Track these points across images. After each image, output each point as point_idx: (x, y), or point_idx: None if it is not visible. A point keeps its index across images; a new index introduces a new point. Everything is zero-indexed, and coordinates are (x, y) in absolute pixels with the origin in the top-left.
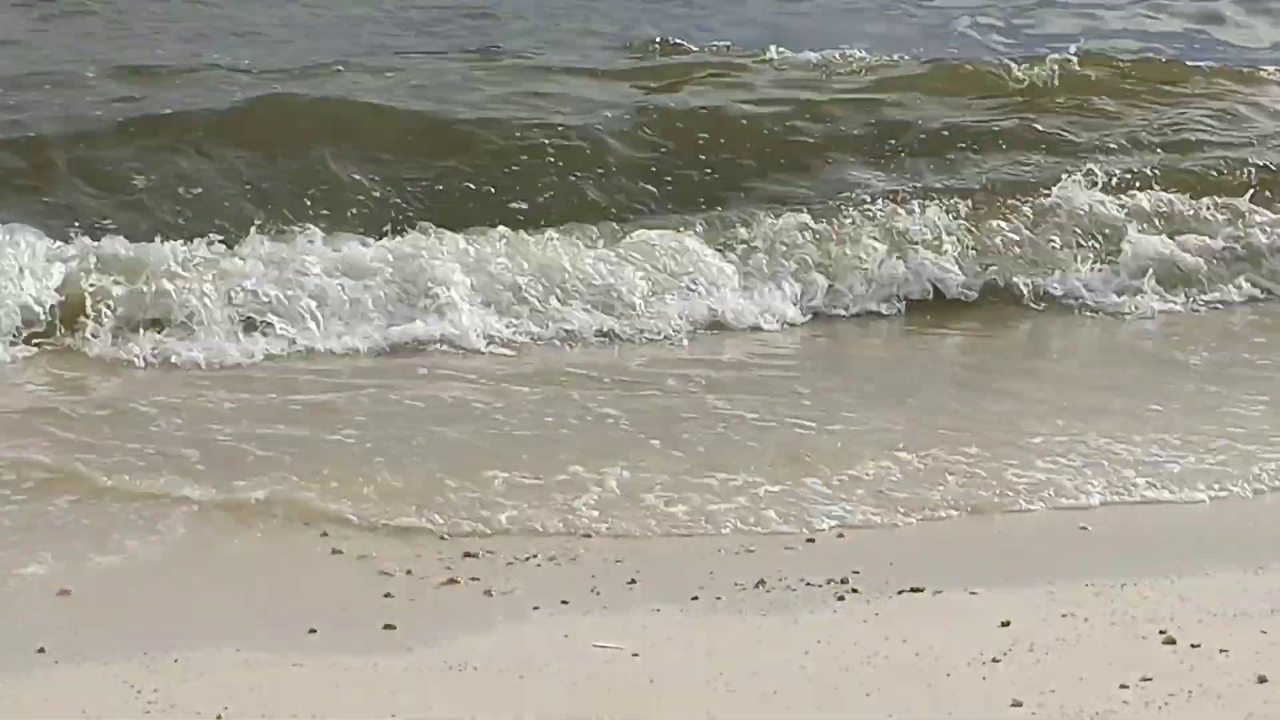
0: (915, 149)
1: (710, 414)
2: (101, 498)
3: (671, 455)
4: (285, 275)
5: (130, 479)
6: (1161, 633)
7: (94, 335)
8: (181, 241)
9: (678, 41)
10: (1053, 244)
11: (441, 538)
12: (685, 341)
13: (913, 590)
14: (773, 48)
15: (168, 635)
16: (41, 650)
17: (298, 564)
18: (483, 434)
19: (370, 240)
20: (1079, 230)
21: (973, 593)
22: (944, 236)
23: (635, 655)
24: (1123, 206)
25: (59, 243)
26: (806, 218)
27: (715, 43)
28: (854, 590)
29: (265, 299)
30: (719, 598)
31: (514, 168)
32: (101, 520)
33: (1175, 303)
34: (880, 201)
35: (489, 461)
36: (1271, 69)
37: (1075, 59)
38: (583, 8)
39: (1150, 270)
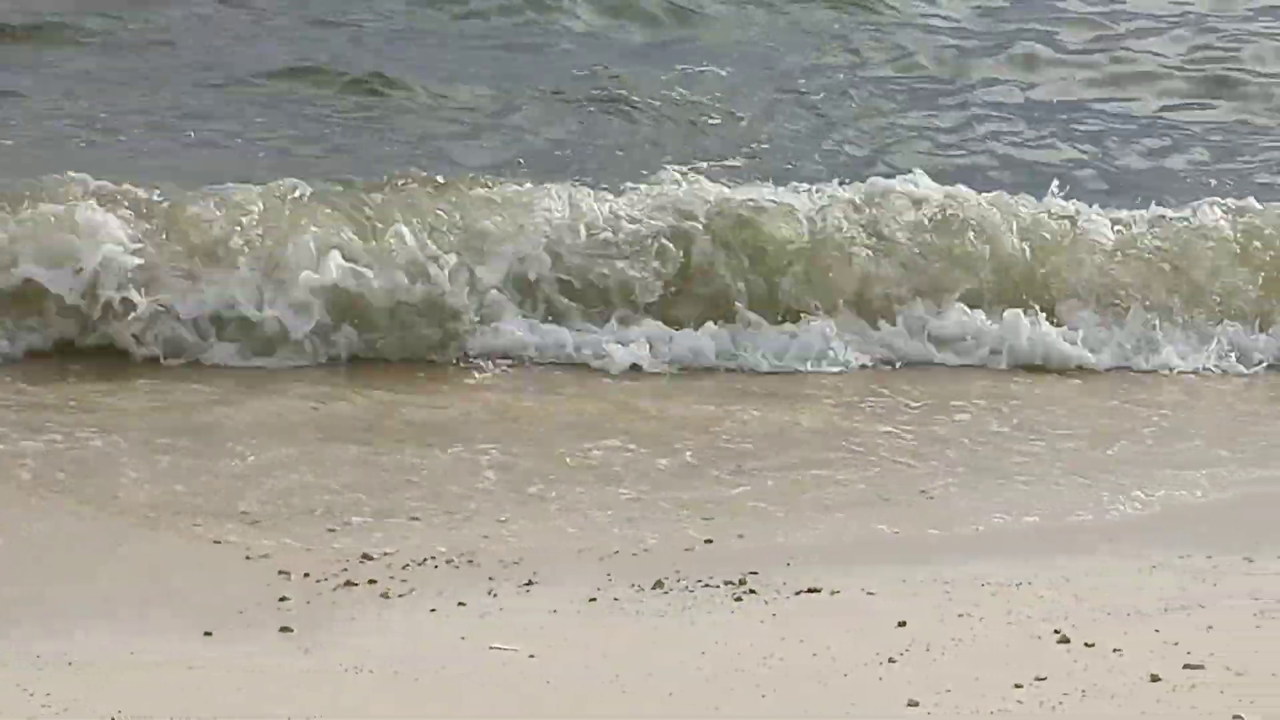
0: None
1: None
2: None
3: (569, 459)
4: None
5: (22, 480)
6: (1056, 632)
7: None
8: None
9: None
10: None
11: (339, 540)
12: None
13: (810, 591)
14: None
15: (61, 637)
16: None
17: (194, 567)
18: (378, 438)
19: None
20: None
21: (870, 593)
22: None
23: (532, 657)
24: None
25: None
26: None
27: None
28: (751, 591)
29: None
30: (616, 599)
31: None
32: None
33: None
34: None
35: (386, 465)
36: None
37: None
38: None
39: None
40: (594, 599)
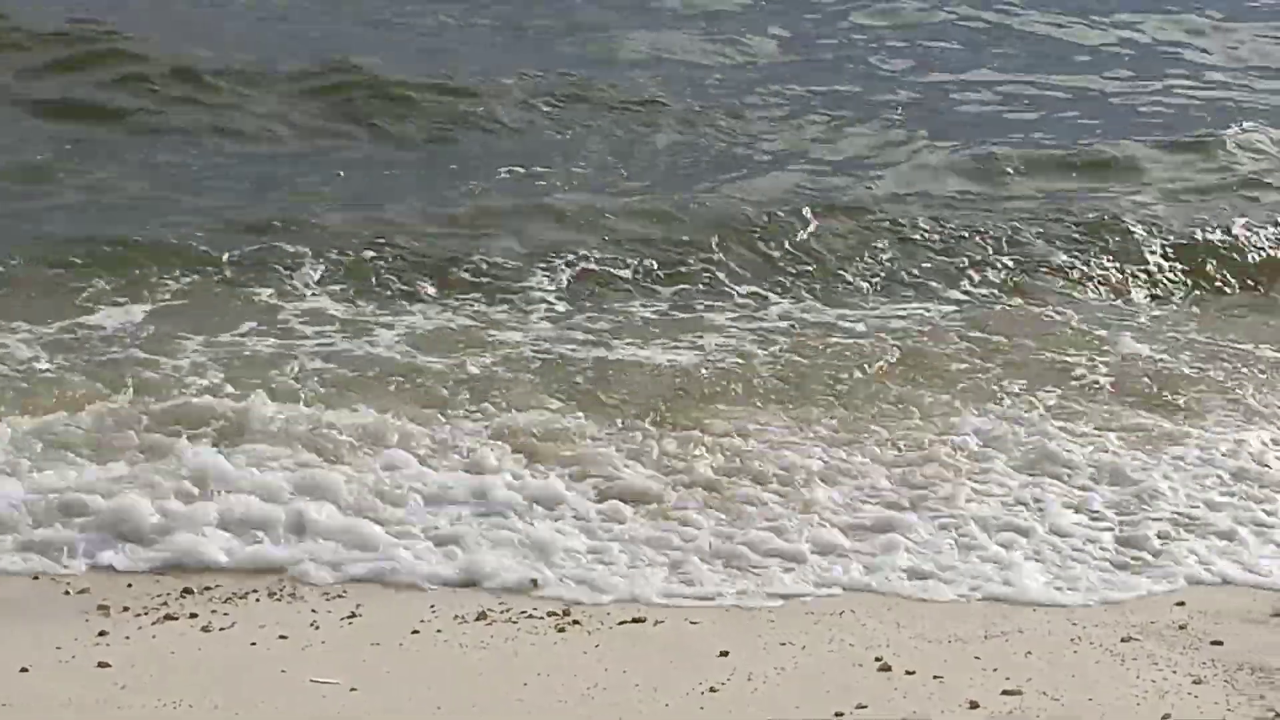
0: None
1: None
2: None
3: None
4: None
5: None
6: (878, 660)
7: None
8: None
9: None
10: None
11: (160, 574)
12: None
13: (634, 621)
14: None
15: None
16: None
17: (11, 602)
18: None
19: None
20: None
21: (693, 623)
22: None
23: (353, 690)
24: None
25: None
26: None
27: None
28: (575, 622)
29: None
30: (439, 631)
31: None
32: None
33: None
34: None
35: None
36: None
37: None
38: None
39: None
40: (417, 631)
